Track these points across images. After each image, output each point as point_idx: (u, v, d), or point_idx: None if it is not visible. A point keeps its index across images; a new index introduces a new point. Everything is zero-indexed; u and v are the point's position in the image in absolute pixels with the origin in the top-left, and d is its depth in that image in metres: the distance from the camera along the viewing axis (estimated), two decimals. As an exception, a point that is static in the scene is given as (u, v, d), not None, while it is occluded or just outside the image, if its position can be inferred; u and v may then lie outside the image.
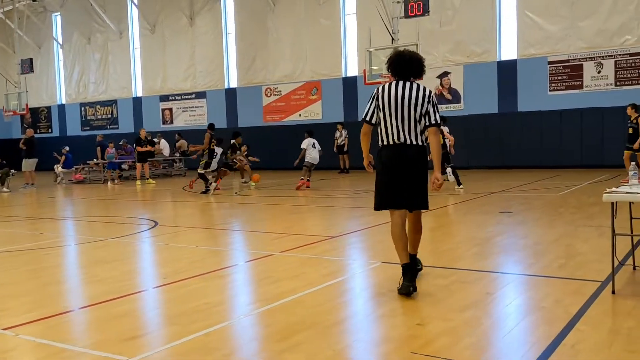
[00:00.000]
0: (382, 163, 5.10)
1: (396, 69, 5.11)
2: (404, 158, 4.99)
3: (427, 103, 5.00)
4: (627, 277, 5.23)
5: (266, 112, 25.86)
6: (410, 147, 4.98)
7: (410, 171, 4.99)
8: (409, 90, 5.00)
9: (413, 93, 4.99)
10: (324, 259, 6.58)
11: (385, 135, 5.05)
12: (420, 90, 5.02)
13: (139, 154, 19.75)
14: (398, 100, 4.98)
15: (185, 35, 27.62)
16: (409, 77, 5.09)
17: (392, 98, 5.00)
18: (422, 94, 5.00)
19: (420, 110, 4.98)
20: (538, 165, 19.46)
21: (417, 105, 4.97)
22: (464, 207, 10.71)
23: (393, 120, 4.99)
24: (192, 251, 7.44)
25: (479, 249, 6.96)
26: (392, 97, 5.00)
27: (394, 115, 4.98)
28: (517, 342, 3.88)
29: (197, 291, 5.32)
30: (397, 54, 5.19)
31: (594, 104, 18.97)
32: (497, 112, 20.70)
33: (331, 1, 23.71)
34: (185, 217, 11.57)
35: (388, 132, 5.02)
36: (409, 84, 5.04)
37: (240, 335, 4.24)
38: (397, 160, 5.00)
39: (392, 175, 5.02)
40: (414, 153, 4.99)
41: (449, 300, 4.77)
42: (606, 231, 4.82)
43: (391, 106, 4.99)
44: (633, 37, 18.48)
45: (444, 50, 21.45)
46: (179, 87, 28.33)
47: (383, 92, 5.04)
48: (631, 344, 3.64)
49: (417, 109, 4.97)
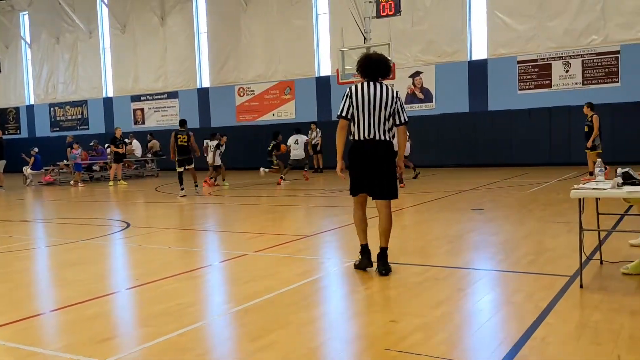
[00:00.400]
0: (354, 156, 5.56)
1: (365, 70, 5.57)
2: (374, 152, 5.48)
3: (395, 103, 5.51)
4: (595, 272, 5.34)
5: (239, 112, 25.77)
6: (380, 142, 5.48)
7: (380, 164, 5.50)
8: (379, 90, 5.48)
9: (383, 93, 5.47)
10: (298, 258, 6.59)
11: (357, 131, 5.51)
12: (389, 91, 5.53)
13: (115, 154, 19.42)
14: (370, 99, 5.44)
15: (156, 35, 27.37)
16: (377, 78, 5.56)
17: (365, 97, 5.45)
18: (390, 95, 5.51)
19: (390, 109, 5.48)
20: (508, 163, 19.75)
21: (386, 104, 5.46)
22: (437, 205, 10.82)
23: (365, 118, 5.45)
24: (165, 252, 7.38)
25: (451, 246, 7.05)
26: (365, 97, 5.45)
27: (366, 113, 5.45)
28: (489, 336, 3.95)
29: (170, 292, 5.28)
30: (365, 57, 5.67)
31: (562, 102, 19.33)
32: (468, 111, 20.96)
33: (304, 1, 23.73)
34: (158, 218, 11.47)
35: (360, 128, 5.49)
36: (379, 84, 5.53)
37: (214, 335, 4.23)
38: (368, 154, 5.49)
39: (363, 167, 5.52)
40: (382, 147, 5.50)
41: (422, 296, 4.82)
42: (574, 227, 4.93)
43: (364, 105, 5.44)
44: (599, 37, 18.88)
45: (416, 50, 21.64)
46: (151, 87, 28.06)
47: (356, 91, 5.48)
48: (598, 337, 3.73)
49: (386, 108, 5.46)
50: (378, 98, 5.45)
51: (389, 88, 5.55)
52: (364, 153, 5.50)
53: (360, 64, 5.61)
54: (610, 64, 18.83)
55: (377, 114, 5.45)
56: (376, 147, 5.47)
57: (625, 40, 18.52)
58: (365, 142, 5.49)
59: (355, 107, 5.47)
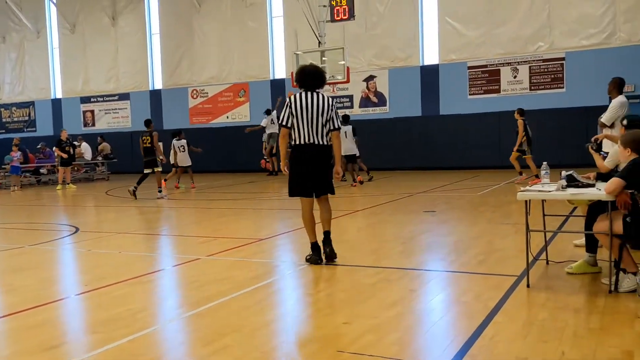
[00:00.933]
0: (295, 159, 6.12)
1: (303, 81, 6.11)
2: (312, 155, 6.04)
3: (330, 111, 6.05)
4: (541, 272, 5.51)
5: (193, 114, 25.47)
6: (317, 146, 6.03)
7: (318, 165, 6.09)
8: (316, 99, 6.02)
9: (320, 102, 6.02)
10: (251, 262, 6.56)
11: (297, 136, 6.05)
12: (325, 100, 6.07)
13: (62, 158, 18.82)
14: (308, 108, 5.98)
15: (107, 36, 26.79)
16: (313, 88, 6.09)
17: (303, 106, 5.99)
18: (326, 103, 6.05)
19: (326, 116, 6.02)
20: (459, 166, 20.14)
21: (323, 112, 6.01)
22: (390, 207, 10.95)
23: (304, 125, 5.99)
24: (115, 257, 7.23)
25: (404, 248, 7.15)
26: (303, 106, 5.99)
27: (304, 120, 5.99)
28: (440, 336, 4.02)
29: (121, 298, 5.18)
30: (301, 69, 6.22)
31: (510, 107, 19.75)
32: (421, 115, 21.29)
33: (258, 3, 23.67)
34: (109, 222, 11.22)
35: (300, 134, 6.03)
36: (315, 94, 6.06)
37: (166, 341, 4.17)
38: (307, 157, 6.04)
39: (303, 169, 6.07)
40: (320, 151, 6.06)
41: (374, 298, 4.87)
42: (522, 228, 5.07)
43: (303, 113, 5.98)
44: (545, 44, 19.49)
45: (370, 54, 21.86)
46: (101, 89, 27.45)
47: (295, 101, 6.02)
48: (544, 334, 3.85)
49: (323, 115, 6.01)
50: (315, 106, 5.97)
51: (325, 97, 6.09)
52: (306, 157, 6.04)
53: (297, 75, 6.15)
54: (555, 70, 19.46)
55: (315, 120, 5.98)
56: (316, 150, 6.02)
57: (570, 48, 19.17)
58: (306, 146, 6.01)
59: (295, 115, 5.99)
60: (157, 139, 14.43)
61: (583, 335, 3.81)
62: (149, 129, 14.49)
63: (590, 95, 17.91)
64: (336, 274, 5.83)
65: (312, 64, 6.41)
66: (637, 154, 4.73)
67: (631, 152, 4.77)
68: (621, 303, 4.44)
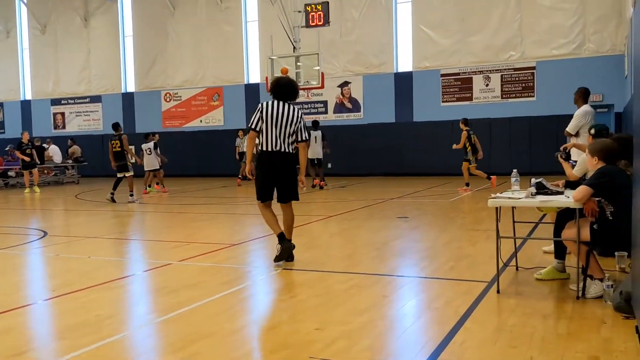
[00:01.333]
0: (262, 165, 6.36)
1: (276, 92, 6.40)
2: (277, 162, 6.30)
3: (299, 122, 6.35)
4: (511, 278, 5.58)
5: (165, 118, 25.26)
6: (283, 154, 6.30)
7: (283, 172, 6.35)
8: (286, 110, 6.31)
9: (290, 112, 6.31)
10: (224, 267, 6.52)
11: (265, 142, 6.29)
12: (295, 111, 6.37)
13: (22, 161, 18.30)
14: (278, 116, 6.25)
15: (79, 37, 26.44)
16: (286, 99, 6.38)
17: (274, 114, 6.25)
18: (296, 115, 6.36)
19: (294, 127, 6.32)
20: (432, 172, 20.32)
21: (291, 122, 6.30)
22: (364, 213, 10.99)
23: (272, 132, 6.25)
24: (84, 262, 7.11)
25: (376, 253, 7.17)
26: (274, 113, 6.26)
27: (273, 128, 6.24)
28: (411, 342, 4.04)
29: (89, 303, 5.09)
30: (277, 81, 6.53)
31: (482, 115, 20.11)
32: (394, 121, 21.44)
33: (233, 8, 23.61)
34: (78, 226, 11.04)
35: (267, 140, 6.27)
36: (287, 104, 6.36)
37: (135, 347, 4.11)
38: (273, 163, 6.30)
39: (269, 175, 6.35)
40: (285, 158, 6.32)
41: (347, 304, 4.87)
42: (492, 234, 5.13)
43: (273, 120, 6.24)
44: (517, 53, 19.81)
45: (344, 60, 21.96)
46: (73, 91, 27.06)
47: (267, 108, 6.29)
48: (513, 340, 3.89)
49: (291, 125, 6.29)
50: (284, 116, 6.25)
51: (295, 108, 6.40)
52: (271, 163, 6.29)
53: (272, 86, 6.44)
54: (527, 79, 19.79)
55: (283, 129, 6.25)
56: (281, 157, 6.27)
57: (541, 57, 19.53)
58: (272, 153, 6.26)
59: (264, 121, 6.24)
60: (127, 142, 14.21)
61: (551, 340, 3.87)
62: (117, 132, 14.23)
63: (560, 104, 18.24)
64: (309, 279, 5.83)
65: (288, 77, 6.77)
66: (605, 162, 4.83)
67: (598, 160, 4.87)
68: (588, 309, 4.52)
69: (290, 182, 6.45)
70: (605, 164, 4.82)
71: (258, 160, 6.40)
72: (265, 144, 6.28)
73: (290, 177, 6.43)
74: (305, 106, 22.75)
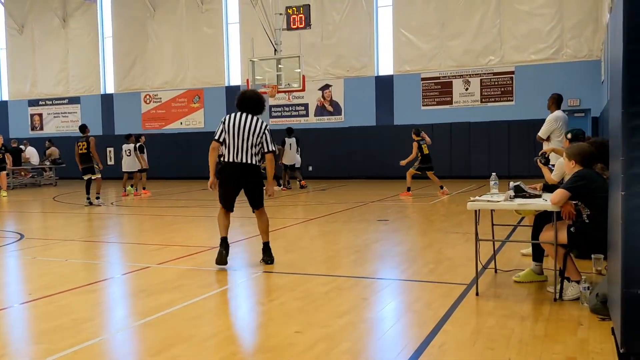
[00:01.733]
0: (224, 175, 6.45)
1: (240, 105, 6.50)
2: (238, 173, 6.39)
3: (262, 134, 6.41)
4: (490, 280, 5.63)
5: (145, 120, 25.07)
6: (246, 165, 6.38)
7: (247, 182, 6.45)
8: (249, 121, 6.39)
9: (253, 124, 6.39)
10: (204, 270, 6.47)
11: (228, 154, 6.39)
12: (259, 124, 6.43)
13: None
14: (240, 127, 6.34)
15: (57, 37, 26.13)
16: (249, 112, 6.46)
17: (236, 126, 6.35)
18: (259, 127, 6.42)
19: (257, 138, 6.38)
20: (412, 176, 20.37)
21: (254, 134, 6.37)
22: (344, 216, 11.00)
23: (234, 143, 6.34)
24: (62, 265, 7.02)
25: (357, 256, 7.19)
26: (236, 125, 6.36)
27: (236, 140, 6.33)
28: (391, 344, 4.05)
29: (66, 307, 5.03)
30: (243, 94, 6.60)
31: (462, 118, 20.28)
32: (375, 124, 21.52)
33: (213, 10, 23.52)
34: (56, 229, 10.89)
35: (230, 152, 6.38)
36: (250, 116, 6.43)
37: (113, 351, 4.07)
38: (236, 174, 6.40)
39: (231, 185, 6.44)
40: (245, 169, 6.39)
41: (327, 306, 4.88)
42: (471, 237, 5.17)
43: (235, 132, 6.33)
44: (496, 57, 20.02)
45: (326, 63, 21.99)
46: (51, 92, 26.73)
47: (230, 120, 6.40)
48: (491, 342, 3.92)
49: (254, 137, 6.37)
50: (247, 128, 6.34)
51: (260, 121, 6.46)
52: (233, 174, 6.38)
53: (238, 99, 6.53)
54: (505, 83, 20.00)
55: (246, 141, 6.33)
56: (242, 169, 6.35)
57: (519, 62, 19.75)
58: (234, 164, 6.35)
59: (227, 132, 6.35)
60: (95, 145, 13.87)
61: (529, 342, 3.90)
62: (84, 134, 13.92)
63: (538, 108, 18.37)
64: (289, 282, 5.82)
65: (254, 90, 6.86)
66: (582, 166, 4.90)
67: (575, 164, 4.94)
68: (565, 311, 4.58)
69: (254, 191, 6.53)
70: (582, 167, 4.89)
71: (221, 171, 6.49)
72: (228, 155, 6.39)
73: (253, 186, 6.50)
74: (286, 109, 22.74)
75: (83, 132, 14.00)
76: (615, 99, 3.75)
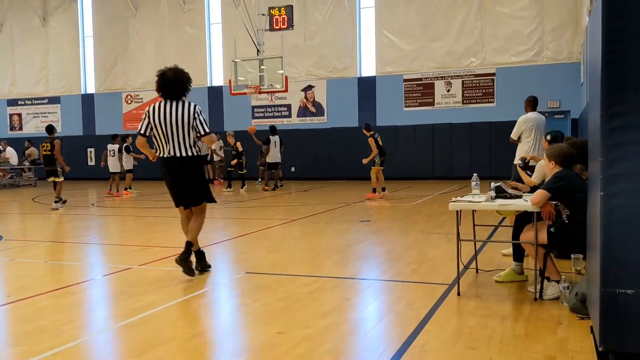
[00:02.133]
0: (163, 172, 5.91)
1: (163, 91, 5.69)
2: (175, 168, 5.77)
3: (194, 119, 5.67)
4: (471, 280, 5.67)
5: (126, 120, 24.86)
6: (180, 159, 5.72)
7: (183, 178, 5.81)
8: (175, 110, 5.64)
9: (180, 112, 5.64)
10: (185, 271, 6.43)
11: (160, 149, 5.80)
12: (185, 111, 5.66)
13: None
14: (167, 120, 5.63)
15: (37, 36, 25.82)
16: (174, 97, 5.68)
17: (161, 118, 5.64)
18: (187, 112, 5.66)
19: (188, 126, 5.67)
20: (395, 176, 20.49)
21: (183, 124, 5.64)
22: (327, 217, 11.01)
23: (163, 137, 5.70)
24: (41, 266, 6.93)
25: (339, 257, 7.19)
26: (161, 118, 5.64)
27: (163, 133, 5.68)
28: (373, 344, 4.06)
29: (46, 309, 4.97)
30: (161, 75, 5.70)
31: (444, 120, 20.41)
32: (358, 125, 21.55)
33: (196, 10, 23.41)
34: (35, 230, 10.76)
35: (161, 147, 5.77)
36: (175, 103, 5.66)
37: (94, 353, 4.03)
38: (170, 171, 5.80)
39: (170, 183, 5.90)
40: (184, 163, 5.74)
41: (310, 307, 4.87)
42: (453, 237, 5.21)
43: (161, 125, 5.65)
44: (477, 59, 20.18)
45: (308, 64, 22.00)
46: (30, 91, 26.39)
47: (153, 112, 5.68)
48: (472, 342, 3.95)
49: (184, 126, 5.65)
50: (174, 117, 5.62)
51: (189, 105, 5.71)
52: (168, 170, 5.80)
53: (157, 83, 5.73)
54: (487, 85, 20.17)
55: (176, 132, 5.65)
56: (180, 163, 5.73)
57: (500, 64, 19.93)
58: (168, 159, 5.74)
59: (154, 127, 5.68)
60: (60, 148, 13.27)
61: (509, 342, 3.94)
62: (50, 135, 13.41)
63: (519, 109, 18.43)
64: (272, 283, 5.81)
65: (175, 67, 5.84)
66: (561, 166, 4.96)
67: (555, 165, 4.99)
68: (545, 310, 4.63)
69: (195, 186, 5.92)
70: (562, 168, 4.95)
71: (160, 168, 5.95)
72: (162, 151, 5.79)
73: (192, 180, 5.88)
74: (269, 110, 22.70)
75: (50, 132, 13.45)
76: (594, 101, 3.80)
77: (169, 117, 5.63)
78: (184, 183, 5.85)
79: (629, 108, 3.33)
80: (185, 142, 5.70)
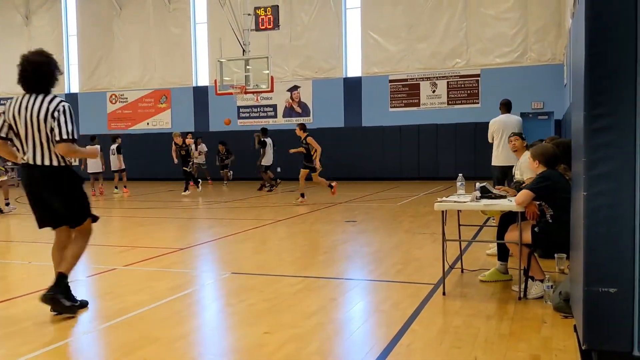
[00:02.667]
0: (22, 184, 4.78)
1: (21, 82, 4.60)
2: (32, 180, 4.59)
3: (50, 118, 4.44)
4: (456, 280, 5.71)
5: (111, 120, 24.68)
6: (37, 168, 4.53)
7: (41, 193, 4.61)
8: (32, 105, 4.48)
9: (36, 107, 4.46)
10: (171, 272, 6.41)
11: (21, 153, 4.61)
12: (45, 104, 4.48)
13: None
14: (26, 117, 4.47)
15: (19, 35, 25.53)
16: (34, 90, 4.56)
17: (15, 114, 4.51)
18: (45, 109, 4.46)
19: (45, 127, 4.46)
20: (380, 177, 20.57)
21: (39, 121, 4.45)
22: (312, 217, 11.02)
23: (22, 139, 4.54)
24: (23, 267, 6.87)
25: (325, 257, 7.20)
26: (15, 113, 4.51)
27: (22, 133, 4.52)
28: (359, 344, 4.08)
29: (28, 310, 4.91)
30: (21, 62, 4.61)
31: (429, 120, 20.50)
32: (343, 126, 21.60)
33: (181, 9, 23.30)
34: (18, 230, 10.65)
35: (22, 150, 4.59)
36: (34, 97, 4.51)
37: (79, 354, 4.00)
38: (27, 182, 4.63)
39: (29, 197, 4.71)
40: (42, 174, 4.54)
41: (296, 307, 4.88)
42: (438, 238, 5.23)
43: (16, 124, 4.52)
44: (462, 60, 20.30)
45: (294, 64, 21.99)
46: (12, 91, 25.98)
47: (9, 108, 4.55)
48: (457, 341, 3.98)
49: (39, 125, 4.46)
50: (29, 113, 4.45)
51: (50, 100, 4.52)
52: (30, 180, 4.60)
53: (18, 73, 4.62)
54: (472, 86, 20.29)
55: (32, 132, 4.47)
56: (41, 173, 4.53)
57: (485, 65, 20.07)
58: (28, 167, 4.55)
59: (12, 126, 4.53)
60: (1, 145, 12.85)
61: (494, 341, 3.97)
62: None
63: (503, 111, 18.76)
64: (258, 283, 5.80)
65: (37, 51, 4.68)
66: (545, 166, 5.00)
67: (539, 164, 5.04)
68: (530, 309, 4.67)
69: (68, 203, 4.67)
70: (546, 168, 5.00)
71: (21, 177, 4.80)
72: (22, 155, 4.58)
73: (61, 196, 4.62)
74: (255, 110, 22.66)
75: None
76: (577, 102, 3.84)
77: (24, 112, 4.46)
78: (46, 197, 4.61)
79: (611, 109, 3.37)
80: (46, 147, 4.49)
